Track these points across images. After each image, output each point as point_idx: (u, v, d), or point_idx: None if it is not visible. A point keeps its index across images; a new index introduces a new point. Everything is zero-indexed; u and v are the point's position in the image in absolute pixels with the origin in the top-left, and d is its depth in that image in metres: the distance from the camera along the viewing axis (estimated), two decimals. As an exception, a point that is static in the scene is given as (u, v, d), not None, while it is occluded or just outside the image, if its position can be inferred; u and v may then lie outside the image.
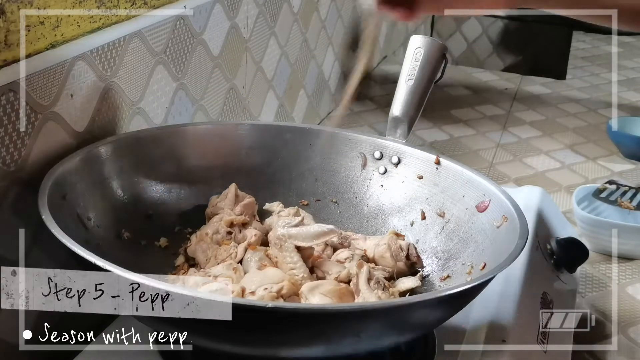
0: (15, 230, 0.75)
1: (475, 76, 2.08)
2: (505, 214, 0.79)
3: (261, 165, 0.94)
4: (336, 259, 0.84)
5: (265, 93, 1.33)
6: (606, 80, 2.10)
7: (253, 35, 1.24)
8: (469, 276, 0.79)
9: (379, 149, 0.94)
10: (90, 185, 0.81)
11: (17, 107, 0.74)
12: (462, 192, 0.86)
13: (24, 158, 0.76)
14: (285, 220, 0.84)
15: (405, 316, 0.66)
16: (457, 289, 0.68)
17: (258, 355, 0.69)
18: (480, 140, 1.64)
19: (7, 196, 0.75)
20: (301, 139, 0.95)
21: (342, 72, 1.76)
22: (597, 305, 1.10)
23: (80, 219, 0.77)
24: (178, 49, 1.02)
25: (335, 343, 0.65)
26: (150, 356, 0.76)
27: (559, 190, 1.44)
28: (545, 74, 2.08)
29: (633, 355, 1.00)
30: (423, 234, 0.89)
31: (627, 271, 1.19)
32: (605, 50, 2.38)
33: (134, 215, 0.86)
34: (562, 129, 1.74)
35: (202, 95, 1.11)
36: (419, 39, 0.92)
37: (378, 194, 0.93)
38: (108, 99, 0.89)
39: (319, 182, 0.95)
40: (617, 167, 1.55)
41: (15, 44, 0.74)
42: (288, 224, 0.83)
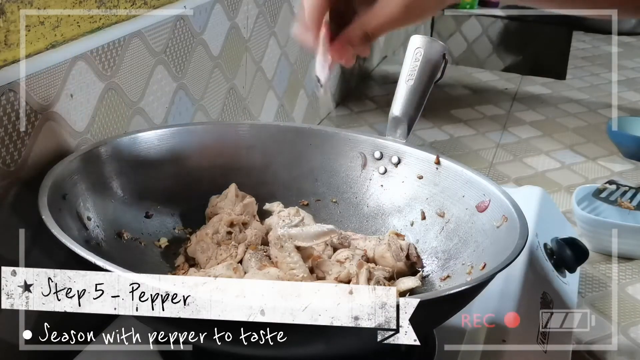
0: (15, 230, 0.75)
1: (475, 76, 2.08)
2: (505, 214, 0.79)
3: (261, 165, 0.94)
4: (336, 259, 0.84)
5: (265, 93, 1.33)
6: (606, 80, 2.10)
7: (253, 35, 1.24)
8: (469, 276, 0.79)
9: (379, 149, 0.94)
10: (90, 185, 0.81)
11: (17, 107, 0.74)
12: (462, 192, 0.86)
13: (24, 158, 0.76)
14: (285, 220, 0.84)
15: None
16: (457, 289, 0.68)
17: (257, 355, 0.69)
18: (480, 140, 1.64)
19: (7, 196, 0.75)
20: (301, 139, 0.95)
21: (342, 71, 1.76)
22: (597, 305, 1.10)
23: (80, 218, 0.77)
24: (178, 49, 1.02)
25: (334, 343, 0.65)
26: (150, 356, 0.76)
27: (559, 190, 1.44)
28: (545, 74, 2.08)
29: (633, 355, 1.00)
30: (423, 234, 0.89)
31: (627, 271, 1.19)
32: (605, 50, 2.38)
33: (134, 215, 0.86)
34: (562, 129, 1.74)
35: (202, 95, 1.11)
36: (419, 39, 0.92)
37: (378, 194, 0.93)
38: (108, 99, 0.89)
39: (319, 182, 0.95)
40: (617, 167, 1.55)
41: (15, 44, 0.74)
42: (288, 224, 0.83)
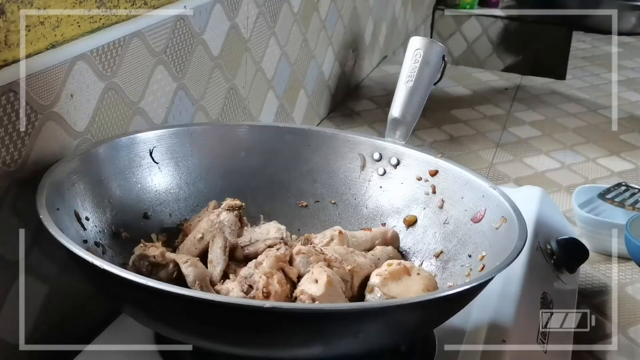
0: (15, 230, 0.75)
1: (475, 76, 2.08)
2: (504, 216, 0.79)
3: (260, 166, 0.94)
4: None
5: (265, 93, 1.34)
6: (606, 80, 2.10)
7: (253, 35, 1.24)
8: (468, 277, 0.79)
9: (378, 150, 0.94)
10: (89, 185, 0.81)
11: (17, 107, 0.74)
12: (461, 194, 0.87)
13: (24, 158, 0.76)
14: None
15: (404, 317, 0.66)
16: (457, 289, 0.68)
17: (256, 356, 0.69)
18: (480, 140, 1.64)
19: (7, 196, 0.75)
20: (300, 140, 0.95)
21: (342, 72, 1.76)
22: (597, 305, 1.10)
23: (78, 218, 0.77)
24: (178, 49, 1.02)
25: (333, 343, 0.65)
26: (150, 356, 0.76)
27: (559, 190, 1.44)
28: (545, 74, 2.08)
29: (633, 355, 1.00)
30: (422, 235, 0.89)
31: (627, 271, 1.19)
32: (605, 50, 2.38)
33: (133, 215, 0.86)
34: (562, 129, 1.74)
35: (202, 95, 1.11)
36: (418, 41, 0.92)
37: (377, 195, 0.93)
38: (108, 99, 0.89)
39: (317, 183, 0.95)
40: (617, 167, 1.55)
41: (15, 44, 0.74)
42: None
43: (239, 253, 0.81)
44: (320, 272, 0.75)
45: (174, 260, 0.76)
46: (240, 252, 0.81)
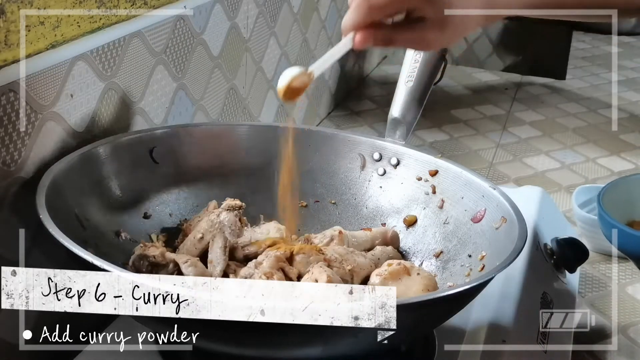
0: (15, 230, 0.75)
1: (475, 76, 2.08)
2: (504, 216, 0.79)
3: (260, 166, 0.94)
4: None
5: (265, 93, 1.34)
6: (606, 80, 2.10)
7: (253, 35, 1.24)
8: (468, 277, 0.79)
9: (378, 151, 0.94)
10: (89, 185, 0.81)
11: (17, 107, 0.74)
12: (461, 194, 0.87)
13: (24, 158, 0.76)
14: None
15: (404, 316, 0.66)
16: (457, 289, 0.68)
17: (256, 356, 0.69)
18: (480, 140, 1.65)
19: (7, 196, 0.75)
20: (300, 140, 0.95)
21: (342, 72, 1.76)
22: (597, 305, 1.10)
23: (78, 218, 0.77)
24: (178, 49, 1.02)
25: (333, 343, 0.65)
26: (150, 356, 0.76)
27: (559, 190, 1.44)
28: (545, 74, 2.08)
29: (633, 355, 1.00)
30: (422, 235, 0.89)
31: (627, 271, 1.19)
32: (605, 50, 2.38)
33: (132, 215, 0.86)
34: (562, 129, 1.74)
35: (202, 95, 1.11)
36: (418, 40, 0.92)
37: (377, 195, 0.93)
38: (108, 99, 0.89)
39: (317, 183, 0.95)
40: (617, 167, 1.55)
41: (15, 44, 0.74)
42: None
43: (239, 253, 0.81)
44: (320, 272, 0.75)
45: (174, 260, 0.77)
46: (240, 252, 0.81)
